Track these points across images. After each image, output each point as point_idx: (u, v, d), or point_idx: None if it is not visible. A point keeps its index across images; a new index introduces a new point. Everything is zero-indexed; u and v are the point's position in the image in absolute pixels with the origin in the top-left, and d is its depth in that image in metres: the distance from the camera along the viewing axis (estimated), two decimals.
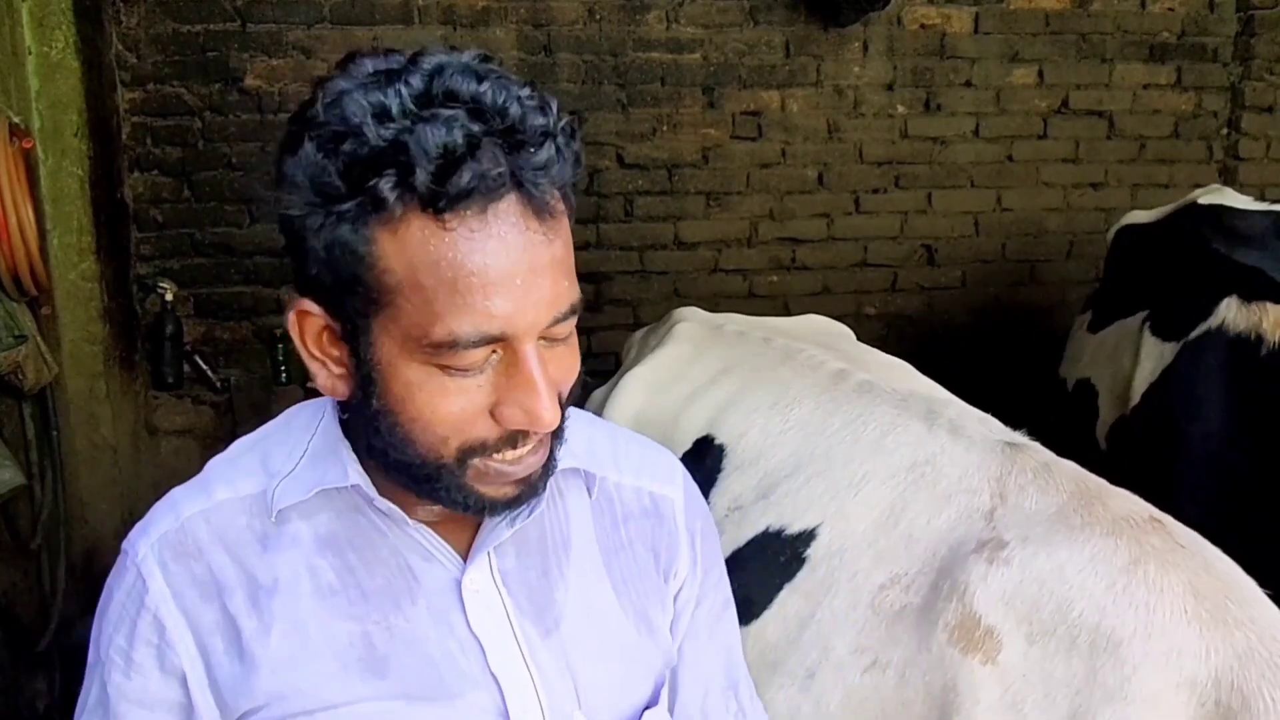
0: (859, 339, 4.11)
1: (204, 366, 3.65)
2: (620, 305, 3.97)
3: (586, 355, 3.48)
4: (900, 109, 4.10)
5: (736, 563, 1.46)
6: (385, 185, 0.76)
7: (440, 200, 0.76)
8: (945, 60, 4.11)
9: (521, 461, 0.88)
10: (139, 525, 0.98)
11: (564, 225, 0.85)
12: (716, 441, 1.68)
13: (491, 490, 0.89)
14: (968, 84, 4.13)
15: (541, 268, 0.81)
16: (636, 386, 1.94)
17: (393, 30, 3.70)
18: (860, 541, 1.35)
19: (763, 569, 1.41)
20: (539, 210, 0.80)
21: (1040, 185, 4.27)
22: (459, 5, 3.74)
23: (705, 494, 1.60)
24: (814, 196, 4.07)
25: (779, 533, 1.44)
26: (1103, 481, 1.27)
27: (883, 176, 4.12)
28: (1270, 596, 2.07)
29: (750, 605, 1.39)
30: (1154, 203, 4.25)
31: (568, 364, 0.88)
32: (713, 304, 4.03)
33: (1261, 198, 4.34)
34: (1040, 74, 4.20)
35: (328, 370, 0.89)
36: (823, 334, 2.16)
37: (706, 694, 1.12)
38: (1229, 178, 4.42)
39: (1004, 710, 1.06)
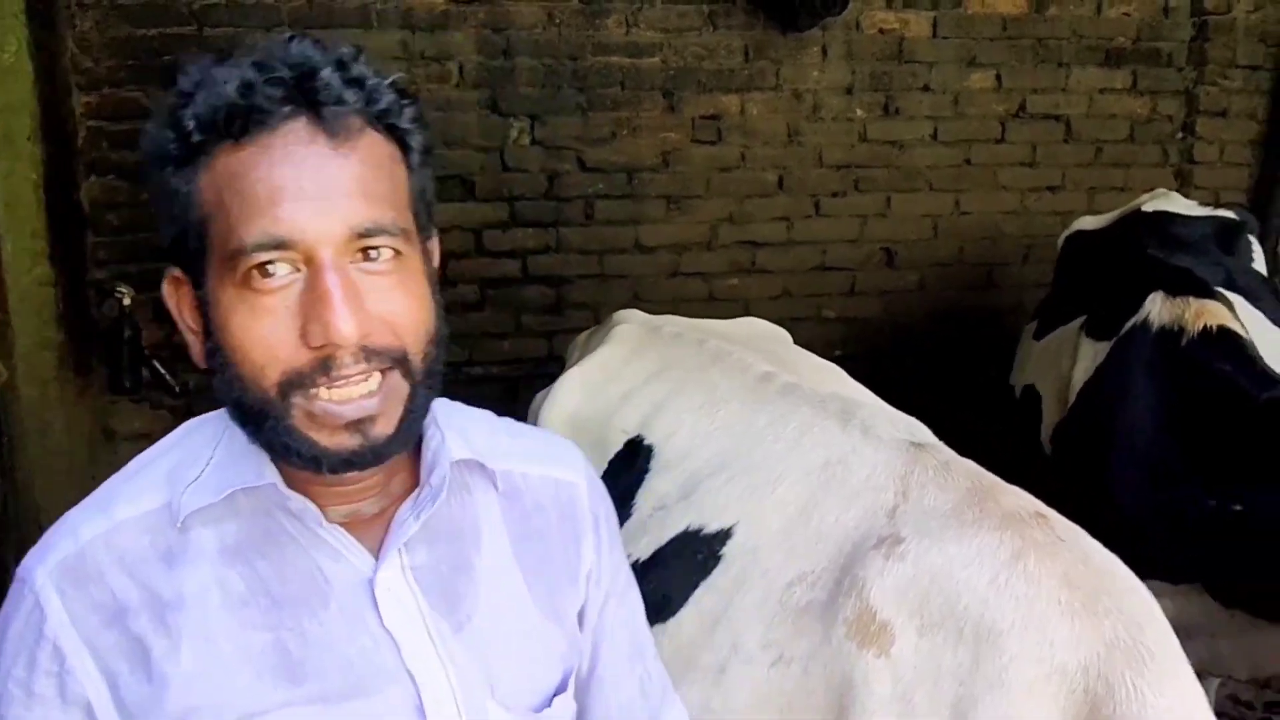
0: (818, 342, 4.20)
1: (162, 370, 3.64)
2: (581, 309, 3.98)
3: (548, 359, 3.50)
4: (859, 113, 4.13)
5: (659, 561, 1.48)
6: (191, 124, 0.86)
7: (233, 126, 0.85)
8: (903, 65, 4.15)
9: (351, 402, 0.89)
10: (34, 551, 0.97)
11: (370, 150, 0.90)
12: (646, 442, 1.71)
13: (325, 437, 0.90)
14: (926, 88, 4.18)
15: (331, 180, 0.87)
16: (573, 386, 1.97)
17: (351, 34, 3.70)
18: (773, 539, 1.38)
19: (682, 567, 1.43)
20: (331, 132, 0.87)
21: (998, 189, 4.31)
22: (417, 9, 3.75)
23: (633, 494, 1.64)
24: (773, 200, 4.10)
25: (698, 531, 1.46)
26: (996, 479, 1.32)
27: (842, 180, 4.15)
28: (1207, 590, 2.11)
29: (669, 603, 1.41)
30: (1110, 206, 4.31)
31: (395, 298, 0.90)
32: (673, 308, 4.03)
33: (1216, 201, 4.43)
34: (998, 78, 4.24)
35: (198, 340, 0.94)
36: (759, 337, 2.19)
37: (615, 664, 1.16)
38: (1184, 181, 4.48)
39: (896, 701, 1.09)
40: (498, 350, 3.93)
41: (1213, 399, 2.14)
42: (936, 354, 4.32)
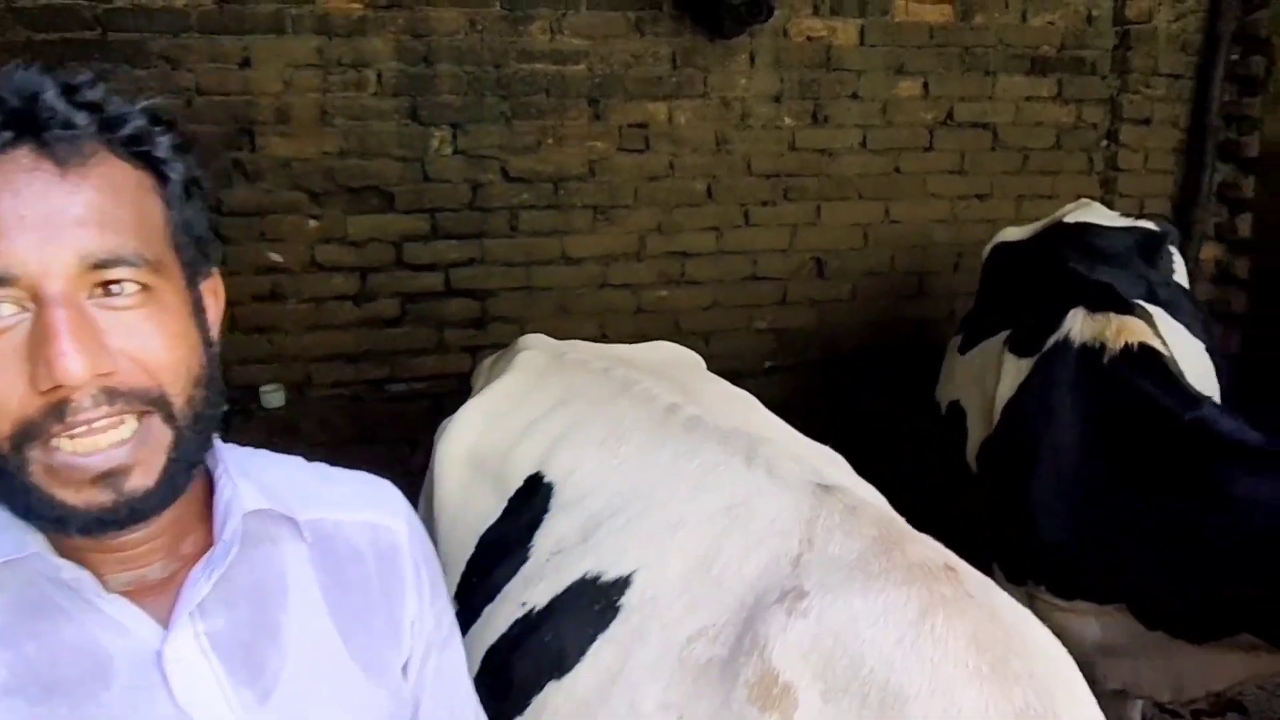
0: (750, 353, 4.17)
1: None
2: (506, 323, 3.88)
3: (470, 374, 3.36)
4: (788, 121, 4.09)
5: (555, 611, 1.40)
6: None
7: None
8: (831, 72, 4.11)
9: (99, 452, 0.81)
10: None
11: (108, 177, 0.84)
12: (546, 479, 1.62)
13: (71, 494, 0.81)
14: (854, 96, 4.14)
15: (57, 208, 0.80)
16: (472, 418, 1.87)
17: (264, 40, 3.56)
18: (674, 588, 1.30)
19: (579, 618, 1.35)
20: (59, 158, 0.81)
21: (927, 197, 4.30)
22: (334, 14, 3.62)
23: (531, 536, 1.54)
24: (702, 209, 4.04)
25: (596, 579, 1.37)
26: (905, 526, 1.25)
27: (771, 189, 4.10)
28: (1131, 611, 2.08)
29: (565, 657, 1.32)
30: (1038, 214, 4.32)
31: (144, 334, 0.84)
32: (601, 320, 4.01)
33: (1140, 209, 4.47)
34: (925, 86, 4.23)
35: None
36: (670, 364, 2.11)
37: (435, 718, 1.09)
38: (1109, 189, 4.51)
39: None
40: (420, 366, 3.81)
41: (1136, 417, 2.11)
42: (869, 364, 4.29)
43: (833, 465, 1.63)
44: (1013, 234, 3.39)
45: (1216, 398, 2.77)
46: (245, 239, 3.57)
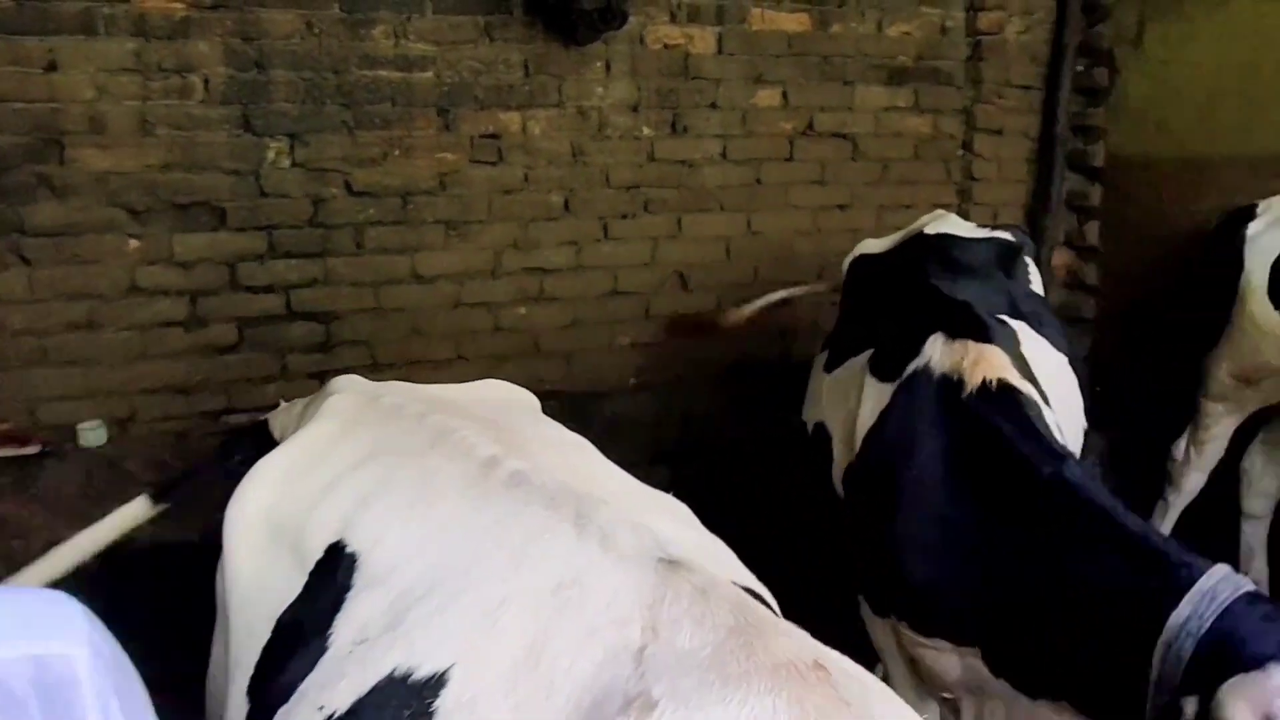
0: (613, 371, 4.04)
1: None
2: (354, 346, 3.65)
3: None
4: (646, 131, 3.98)
5: (360, 717, 1.22)
6: None
7: None
8: (690, 81, 4.02)
9: None
10: None
11: None
12: (349, 549, 1.42)
13: None
14: (713, 105, 4.06)
15: None
16: (270, 475, 1.63)
17: (72, 42, 3.24)
18: (497, 689, 1.14)
19: None
20: None
21: (789, 208, 4.26)
22: (152, 14, 3.31)
23: (330, 620, 1.35)
24: (560, 223, 3.89)
25: (407, 677, 1.20)
26: (765, 612, 1.11)
27: (631, 201, 3.98)
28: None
29: None
30: (899, 223, 4.30)
31: None
32: (456, 341, 3.81)
33: (995, 218, 4.52)
34: (784, 96, 4.18)
35: None
36: (498, 405, 1.93)
37: None
38: (966, 198, 4.57)
39: None
40: (261, 396, 3.53)
41: (995, 461, 2.06)
42: (734, 380, 4.22)
43: (676, 522, 1.49)
44: (873, 246, 3.36)
45: (1080, 412, 2.79)
46: (53, 262, 3.24)
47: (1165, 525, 3.91)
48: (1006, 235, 3.20)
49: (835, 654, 1.08)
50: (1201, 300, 3.69)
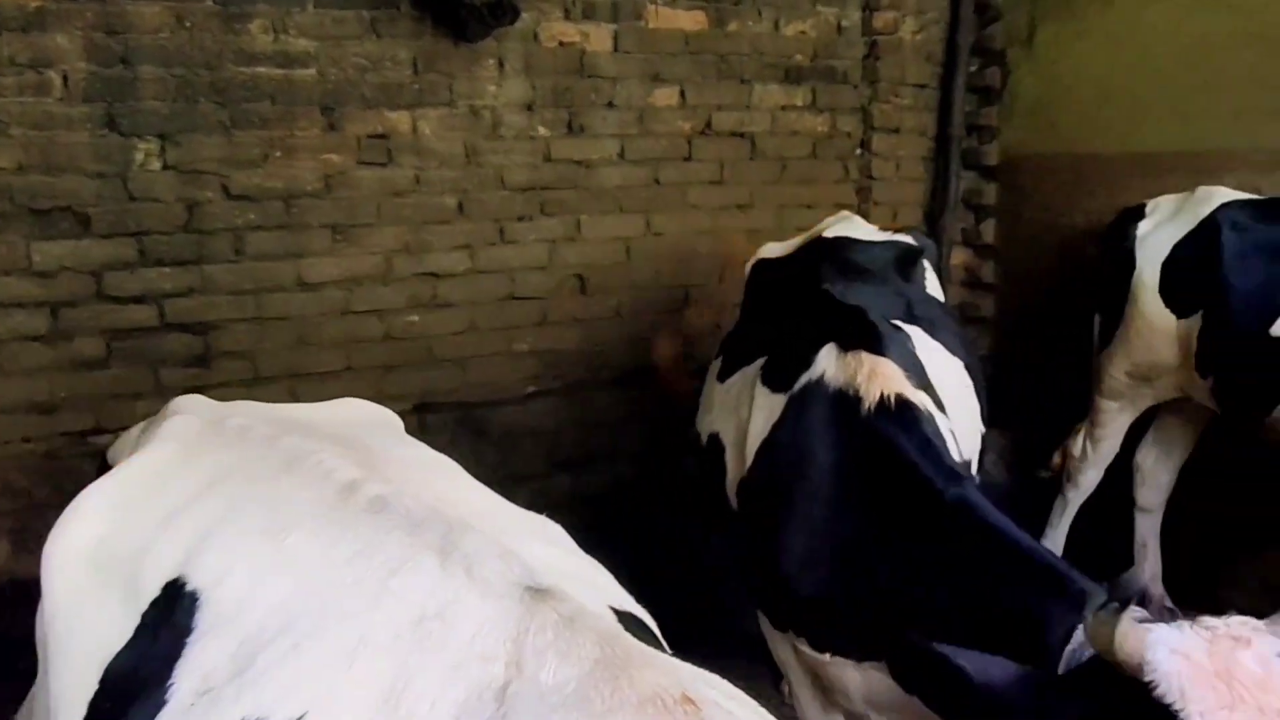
0: (511, 378, 3.91)
1: None
2: (234, 359, 3.46)
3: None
4: (542, 131, 3.87)
5: None
6: None
7: None
8: (586, 80, 3.92)
9: None
10: None
11: None
12: (189, 586, 1.29)
13: None
14: (610, 104, 3.98)
15: None
16: (96, 507, 1.48)
17: None
18: None
19: None
20: None
21: (689, 208, 4.20)
22: (4, 5, 3.08)
23: (170, 669, 1.22)
24: (454, 226, 3.76)
25: None
26: (633, 642, 1.05)
27: (527, 203, 3.87)
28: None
29: None
30: (798, 222, 4.30)
31: None
32: (347, 351, 3.65)
33: (894, 217, 4.54)
34: (682, 95, 4.12)
35: None
36: (357, 425, 1.81)
37: None
38: (865, 197, 4.57)
39: None
40: (131, 414, 3.29)
41: (894, 479, 2.02)
42: (635, 385, 4.14)
43: (549, 545, 1.41)
44: (773, 250, 3.31)
45: (977, 416, 2.78)
46: None
47: (1064, 520, 3.97)
48: (907, 238, 3.19)
49: (709, 682, 1.04)
50: (1095, 299, 3.75)
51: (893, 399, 2.07)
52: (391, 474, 1.45)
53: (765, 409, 2.35)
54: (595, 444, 4.05)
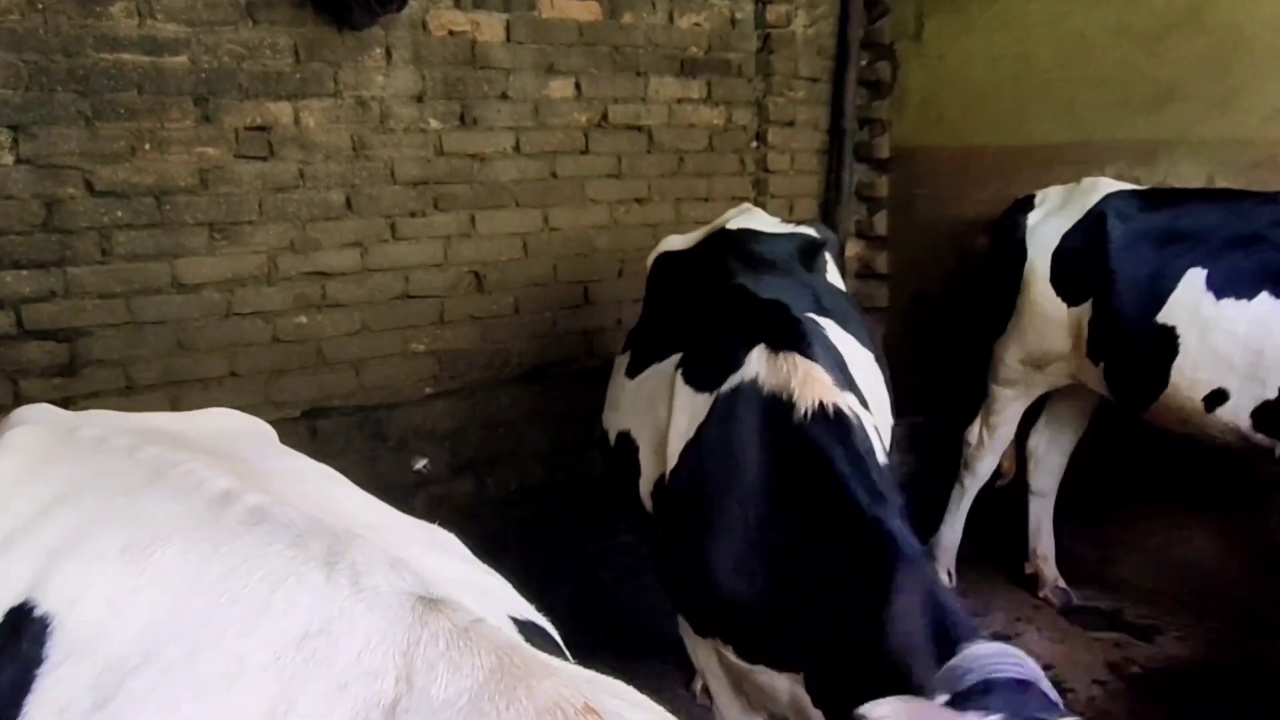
0: (408, 380, 3.77)
1: None
2: (105, 367, 3.22)
3: None
4: (433, 123, 3.73)
5: None
6: None
7: None
8: (478, 70, 3.80)
9: None
10: None
11: None
12: (38, 612, 1.16)
13: None
14: (504, 96, 3.86)
15: None
16: None
17: None
18: None
19: None
20: None
21: (586, 202, 4.12)
22: None
23: (18, 703, 1.10)
24: (342, 223, 3.59)
25: None
26: (531, 651, 0.99)
27: (419, 198, 3.73)
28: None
29: None
30: (696, 216, 4.28)
31: None
32: (230, 355, 3.44)
33: (790, 209, 4.55)
34: (578, 86, 4.03)
35: None
36: (229, 436, 1.68)
37: None
38: (761, 190, 4.58)
39: None
40: None
41: (822, 494, 1.97)
42: (536, 382, 4.05)
43: (442, 554, 1.33)
44: (676, 242, 3.26)
45: (888, 407, 2.78)
46: None
47: (962, 507, 4.05)
48: (809, 230, 3.17)
49: (614, 691, 1.00)
50: (989, 289, 3.82)
51: (830, 408, 2.03)
52: (272, 483, 1.35)
53: (689, 408, 2.28)
54: (498, 445, 3.94)
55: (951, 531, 4.08)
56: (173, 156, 3.28)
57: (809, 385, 2.07)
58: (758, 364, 2.18)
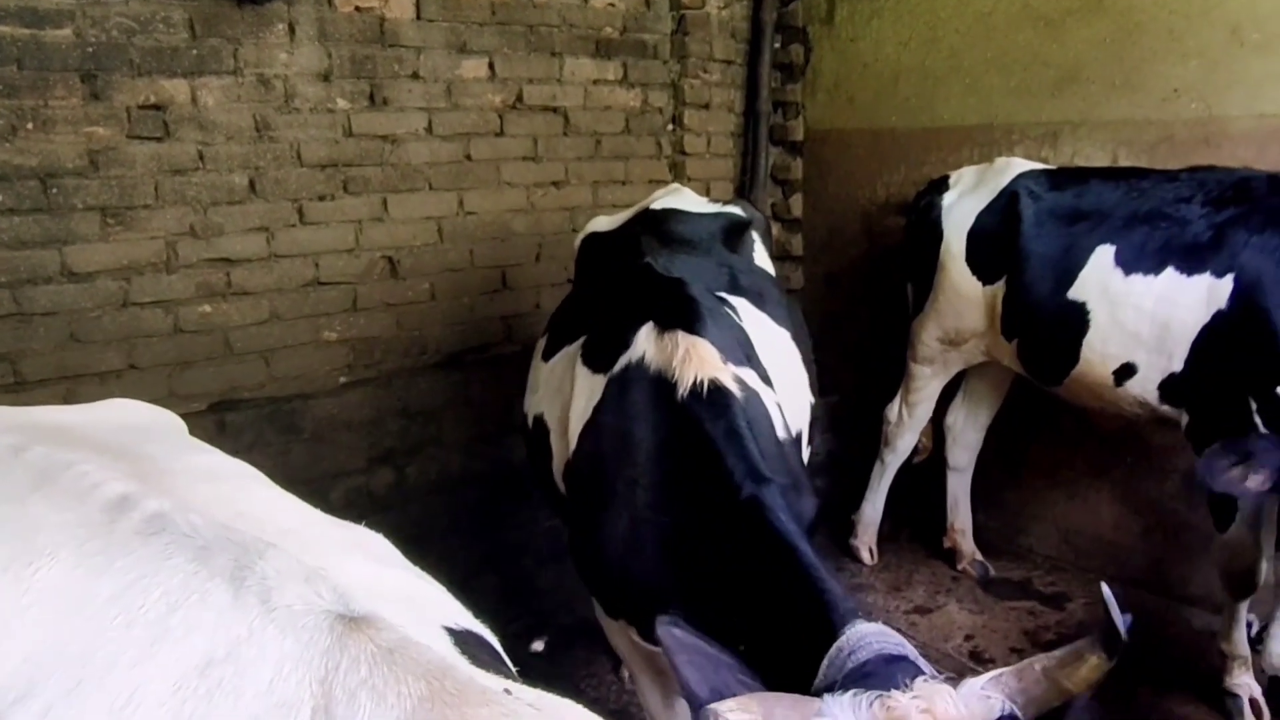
0: (320, 370, 3.61)
1: None
2: None
3: None
4: (341, 103, 3.58)
5: None
6: None
7: None
8: (388, 49, 3.67)
9: None
10: None
11: None
12: None
13: None
14: (415, 76, 3.74)
15: None
16: None
17: None
18: None
19: None
20: None
21: (502, 185, 4.03)
22: None
23: None
24: (246, 207, 3.42)
25: None
26: (465, 675, 0.92)
27: (328, 181, 3.58)
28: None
29: None
30: (613, 200, 4.22)
31: None
32: (129, 347, 3.26)
33: (707, 192, 4.52)
34: (491, 67, 3.93)
35: None
36: (130, 430, 1.55)
37: None
38: (678, 173, 4.55)
39: None
40: None
41: (703, 473, 1.96)
42: (455, 369, 3.95)
43: (368, 560, 1.25)
44: (603, 224, 3.20)
45: (805, 385, 2.78)
46: None
47: (883, 483, 4.10)
48: (736, 210, 3.16)
49: (560, 713, 0.94)
50: (906, 269, 3.87)
51: (705, 384, 2.01)
52: (174, 486, 1.24)
53: (587, 390, 2.26)
54: (417, 433, 3.83)
55: (873, 508, 4.13)
56: (59, 137, 3.07)
57: (690, 363, 2.05)
58: (645, 343, 2.16)
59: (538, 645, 3.55)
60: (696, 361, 2.06)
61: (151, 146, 3.23)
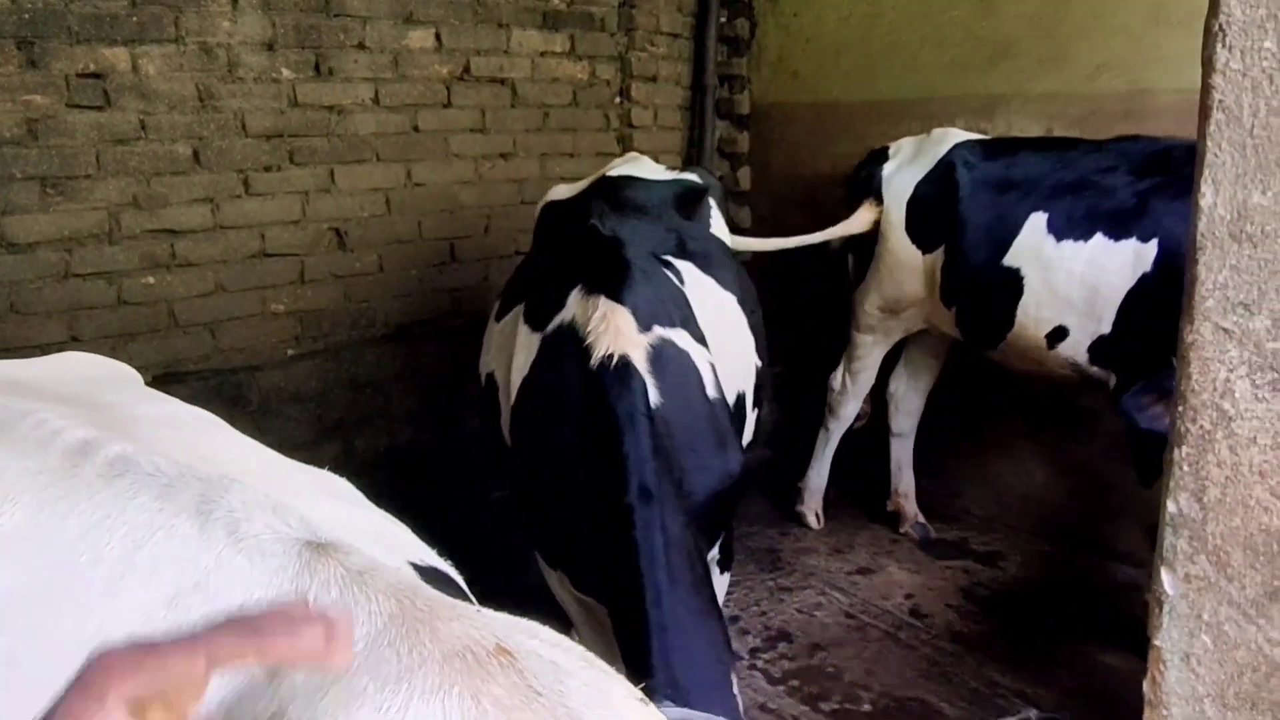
0: (267, 342, 3.62)
1: None
2: None
3: None
4: (286, 73, 3.56)
5: None
6: None
7: None
8: (333, 19, 3.65)
9: None
10: None
11: None
12: None
13: None
14: (361, 46, 3.72)
15: None
16: None
17: None
18: None
19: None
20: None
21: (450, 157, 4.03)
22: None
23: None
24: (191, 178, 3.40)
25: None
26: (435, 595, 0.93)
27: (274, 152, 3.57)
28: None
29: None
30: (561, 172, 4.24)
31: None
32: (71, 319, 3.23)
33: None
34: (438, 37, 3.93)
35: None
36: (85, 383, 1.54)
37: None
38: (626, 145, 4.58)
39: None
40: None
41: (607, 448, 2.01)
42: (404, 340, 3.96)
43: (334, 499, 1.26)
44: (562, 191, 3.23)
45: (751, 349, 2.84)
46: None
47: (827, 450, 4.19)
48: (692, 177, 3.20)
49: (530, 632, 0.92)
50: (847, 239, 3.94)
51: (615, 359, 2.06)
52: (136, 432, 1.23)
53: (526, 347, 2.33)
54: (366, 405, 3.84)
55: (818, 475, 4.23)
56: None
57: (605, 333, 2.10)
58: (574, 305, 2.22)
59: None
60: (612, 332, 2.11)
61: (92, 115, 3.19)
